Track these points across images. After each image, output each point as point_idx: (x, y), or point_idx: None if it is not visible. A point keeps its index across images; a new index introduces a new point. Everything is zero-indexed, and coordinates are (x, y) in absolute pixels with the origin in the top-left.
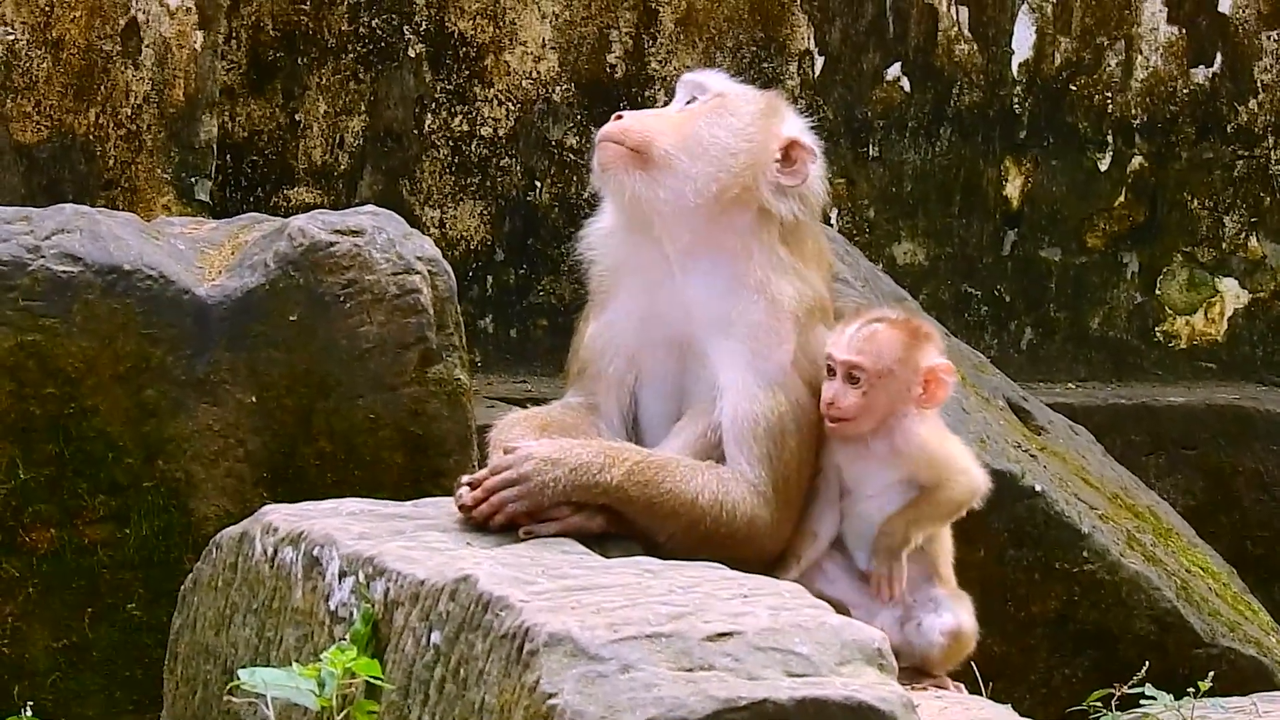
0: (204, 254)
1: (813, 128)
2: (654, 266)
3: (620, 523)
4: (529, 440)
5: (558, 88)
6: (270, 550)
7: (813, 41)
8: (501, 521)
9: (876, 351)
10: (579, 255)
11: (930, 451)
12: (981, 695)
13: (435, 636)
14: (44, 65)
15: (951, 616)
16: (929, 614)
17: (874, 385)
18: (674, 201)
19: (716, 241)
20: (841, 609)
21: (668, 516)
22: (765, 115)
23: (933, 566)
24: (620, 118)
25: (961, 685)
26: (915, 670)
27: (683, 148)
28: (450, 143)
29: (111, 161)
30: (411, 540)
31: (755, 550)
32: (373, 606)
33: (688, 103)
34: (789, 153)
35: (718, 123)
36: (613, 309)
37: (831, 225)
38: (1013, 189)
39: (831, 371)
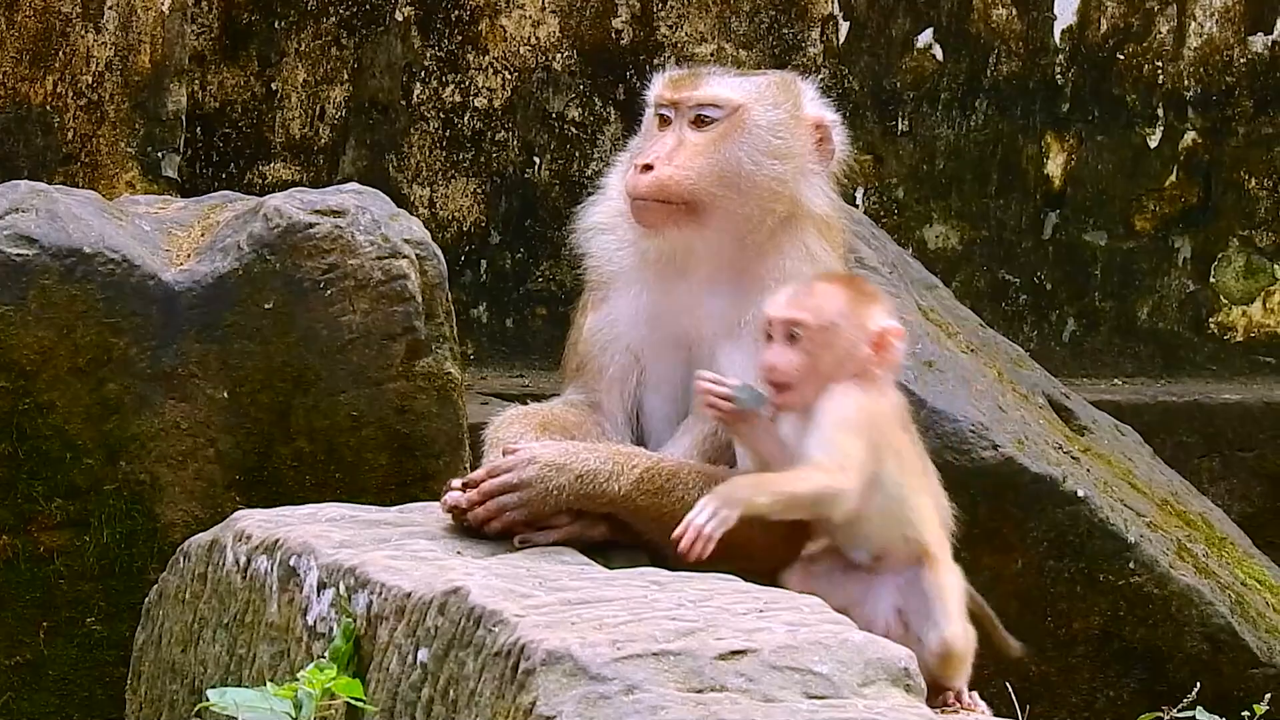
0: (171, 236)
1: (823, 91)
2: (665, 265)
3: (624, 530)
4: (530, 441)
5: (558, 55)
6: (243, 560)
7: (837, 5)
8: (498, 528)
9: (816, 305)
10: (576, 242)
11: (822, 419)
12: (1018, 719)
13: (423, 654)
14: None
15: (936, 632)
16: (921, 620)
17: (816, 342)
18: (726, 240)
19: (748, 254)
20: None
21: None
22: (792, 111)
23: (920, 543)
24: (648, 168)
25: (988, 708)
26: (938, 687)
27: (730, 186)
28: (441, 115)
29: (71, 134)
30: (397, 549)
31: (770, 561)
32: (354, 621)
33: (695, 121)
34: (819, 135)
35: (755, 145)
36: (614, 303)
37: (857, 206)
38: (1054, 167)
39: (770, 337)
